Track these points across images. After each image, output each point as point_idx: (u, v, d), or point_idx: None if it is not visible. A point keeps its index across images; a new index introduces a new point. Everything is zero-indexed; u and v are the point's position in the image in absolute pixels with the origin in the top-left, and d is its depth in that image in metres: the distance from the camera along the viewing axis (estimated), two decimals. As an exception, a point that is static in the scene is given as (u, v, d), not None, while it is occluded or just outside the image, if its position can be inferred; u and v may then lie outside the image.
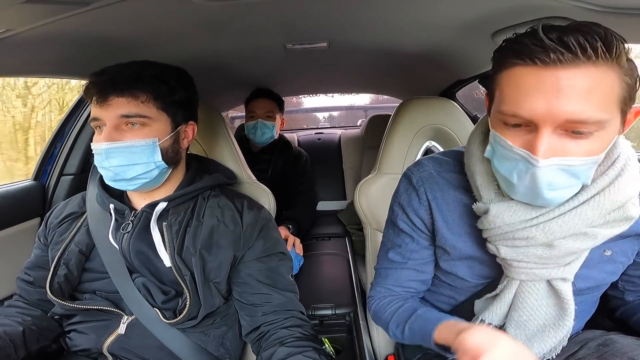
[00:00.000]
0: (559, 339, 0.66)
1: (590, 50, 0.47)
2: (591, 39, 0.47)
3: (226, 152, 1.08)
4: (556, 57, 0.48)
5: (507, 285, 0.65)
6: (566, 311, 0.63)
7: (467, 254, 0.69)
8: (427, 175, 0.71)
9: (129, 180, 0.75)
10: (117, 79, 0.73)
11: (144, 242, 0.78)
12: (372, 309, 0.79)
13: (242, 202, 0.86)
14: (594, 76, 0.48)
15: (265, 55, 1.21)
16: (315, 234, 1.89)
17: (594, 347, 0.71)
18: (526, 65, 0.50)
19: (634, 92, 0.52)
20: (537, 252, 0.59)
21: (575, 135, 0.50)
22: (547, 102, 0.49)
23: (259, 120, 1.73)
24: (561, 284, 0.62)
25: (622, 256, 0.67)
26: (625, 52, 0.49)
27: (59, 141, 1.31)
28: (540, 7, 0.75)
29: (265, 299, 0.80)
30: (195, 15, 0.78)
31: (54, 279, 0.77)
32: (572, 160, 0.51)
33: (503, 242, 0.62)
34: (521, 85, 0.51)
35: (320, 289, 1.37)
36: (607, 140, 0.52)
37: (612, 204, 0.56)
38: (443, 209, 0.69)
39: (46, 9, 0.64)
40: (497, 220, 0.60)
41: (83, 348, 0.79)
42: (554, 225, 0.57)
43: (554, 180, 0.52)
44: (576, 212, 0.56)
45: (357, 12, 0.87)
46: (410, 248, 0.74)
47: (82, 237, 0.82)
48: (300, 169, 1.87)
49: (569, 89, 0.48)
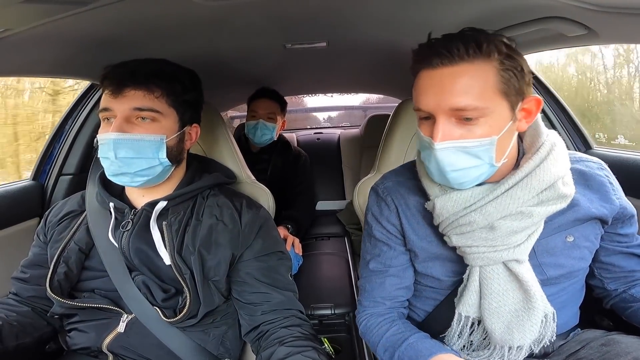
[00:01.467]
0: (536, 326, 0.67)
1: (464, 52, 0.59)
2: (466, 42, 0.60)
3: (225, 151, 1.08)
4: (440, 60, 0.61)
5: (471, 274, 0.70)
6: (530, 293, 0.66)
7: (435, 253, 0.75)
8: (390, 185, 0.80)
9: (132, 174, 0.75)
10: (137, 72, 0.74)
11: (143, 240, 0.78)
12: (360, 328, 0.82)
13: (241, 201, 0.87)
14: (470, 72, 0.60)
15: (265, 54, 1.21)
16: (314, 234, 1.89)
17: (596, 347, 0.71)
18: (423, 69, 0.64)
19: (520, 84, 0.62)
20: (482, 235, 0.66)
21: (465, 122, 0.61)
22: (435, 96, 0.62)
23: (260, 120, 1.72)
24: (517, 265, 0.67)
25: (585, 241, 0.72)
26: (500, 51, 0.60)
27: (57, 141, 1.30)
28: (539, 7, 0.75)
29: (264, 298, 0.80)
30: (194, 14, 0.78)
31: (53, 277, 0.77)
32: (465, 142, 0.62)
33: (452, 231, 0.69)
34: (420, 85, 0.64)
35: (320, 288, 1.37)
36: (498, 125, 0.62)
37: (541, 184, 0.64)
38: (407, 213, 0.77)
39: (45, 9, 0.64)
40: (443, 211, 0.69)
41: (83, 346, 0.79)
42: (490, 207, 0.65)
43: (453, 160, 0.63)
44: (508, 194, 0.65)
45: (356, 11, 0.87)
46: (389, 255, 0.80)
47: (82, 235, 0.82)
48: (300, 168, 1.86)
49: (451, 84, 0.60)
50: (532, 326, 0.67)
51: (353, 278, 1.44)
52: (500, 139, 0.62)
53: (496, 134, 0.62)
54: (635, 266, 0.76)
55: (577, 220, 0.70)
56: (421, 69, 0.64)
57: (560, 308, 0.71)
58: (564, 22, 0.76)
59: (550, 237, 0.70)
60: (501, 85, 0.61)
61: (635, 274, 0.76)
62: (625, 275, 0.77)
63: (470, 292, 0.70)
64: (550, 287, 0.71)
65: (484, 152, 0.62)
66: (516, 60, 0.62)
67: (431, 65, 0.62)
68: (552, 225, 0.70)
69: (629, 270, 0.76)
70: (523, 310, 0.67)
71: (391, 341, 0.73)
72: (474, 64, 0.60)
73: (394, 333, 0.74)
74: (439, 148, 0.62)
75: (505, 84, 0.61)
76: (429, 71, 0.63)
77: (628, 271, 0.76)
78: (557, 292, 0.72)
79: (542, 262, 0.71)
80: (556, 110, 1.26)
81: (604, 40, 0.82)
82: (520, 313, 0.68)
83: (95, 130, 1.29)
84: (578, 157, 0.77)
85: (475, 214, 0.66)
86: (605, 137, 2.11)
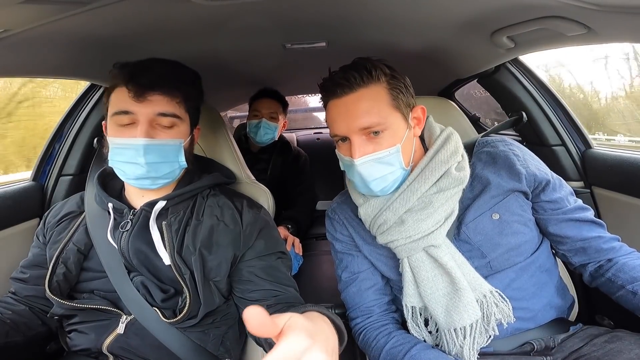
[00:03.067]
0: (471, 305, 0.71)
1: (360, 79, 0.72)
2: (359, 71, 0.72)
3: (225, 152, 1.08)
4: (342, 90, 0.73)
5: (403, 266, 0.78)
6: (451, 275, 0.72)
7: (378, 254, 0.85)
8: (336, 205, 0.94)
9: (155, 178, 0.76)
10: (163, 77, 0.74)
11: (143, 240, 0.78)
12: (358, 343, 0.86)
13: (241, 202, 0.87)
14: (367, 95, 0.72)
15: (264, 54, 1.21)
16: (314, 234, 1.89)
17: (599, 344, 0.72)
18: (330, 100, 0.75)
19: (407, 97, 0.75)
20: (397, 229, 0.76)
21: (373, 137, 0.73)
22: (345, 121, 0.73)
23: (262, 119, 1.72)
24: (435, 250, 0.74)
25: (511, 215, 0.77)
26: (384, 73, 0.73)
27: (57, 141, 1.30)
28: (538, 6, 0.75)
29: (269, 294, 0.80)
30: (194, 15, 0.78)
31: (52, 278, 0.77)
32: (377, 154, 0.73)
33: (377, 231, 0.79)
34: (331, 114, 0.76)
35: (320, 288, 1.37)
36: (398, 135, 0.74)
37: (435, 175, 0.75)
38: (353, 224, 0.89)
39: (44, 9, 0.64)
40: (366, 217, 0.81)
41: (83, 348, 0.79)
42: (396, 204, 0.76)
43: (372, 171, 0.74)
44: (409, 189, 0.76)
45: (355, 11, 0.87)
46: (355, 263, 0.88)
47: (81, 236, 0.82)
48: (300, 168, 1.87)
49: (355, 108, 0.72)
50: (465, 306, 0.71)
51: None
52: (403, 146, 0.74)
53: (399, 142, 0.74)
54: (586, 233, 0.78)
55: (494, 197, 0.77)
56: (329, 100, 0.76)
57: (532, 294, 0.77)
58: (564, 22, 0.76)
59: (477, 220, 0.77)
60: (392, 101, 0.73)
61: (591, 243, 0.78)
62: (583, 245, 0.78)
63: (408, 283, 0.77)
64: (506, 271, 0.76)
65: (394, 158, 0.74)
66: (399, 79, 0.75)
67: (336, 95, 0.74)
68: (475, 208, 0.77)
69: (580, 238, 0.78)
70: (453, 292, 0.73)
71: (392, 354, 0.76)
72: (369, 88, 0.72)
73: (394, 345, 0.77)
74: (359, 163, 0.73)
75: (395, 99, 0.73)
76: (335, 101, 0.74)
77: (580, 239, 0.78)
78: (517, 276, 0.76)
79: (478, 245, 0.76)
80: (556, 110, 1.26)
81: (604, 39, 0.82)
82: (452, 295, 0.73)
83: (95, 131, 1.29)
84: (485, 140, 0.85)
85: (387, 212, 0.77)
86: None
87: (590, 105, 2.13)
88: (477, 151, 0.83)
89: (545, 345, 0.76)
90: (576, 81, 2.10)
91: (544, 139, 1.26)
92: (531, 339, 0.77)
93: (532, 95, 1.27)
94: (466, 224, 0.77)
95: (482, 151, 0.82)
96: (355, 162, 0.73)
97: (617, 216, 1.07)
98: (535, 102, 1.27)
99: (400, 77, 0.76)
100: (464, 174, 0.75)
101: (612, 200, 1.09)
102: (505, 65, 1.28)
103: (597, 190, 1.15)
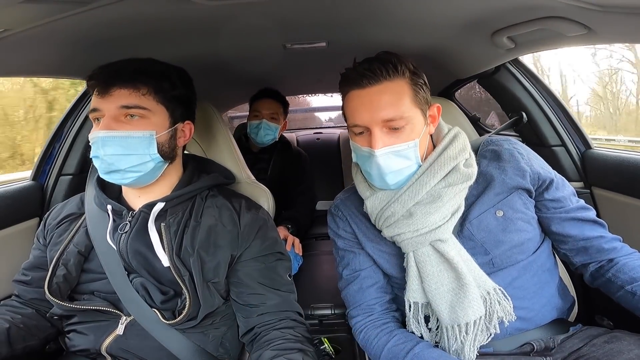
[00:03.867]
0: (475, 302, 0.72)
1: (385, 72, 0.72)
2: (385, 64, 0.72)
3: (225, 152, 1.08)
4: (367, 81, 0.72)
5: (408, 260, 0.78)
6: (457, 270, 0.73)
7: (381, 250, 0.85)
8: (339, 202, 0.93)
9: (123, 171, 0.75)
10: (122, 71, 0.75)
11: (141, 242, 0.78)
12: (359, 341, 0.85)
13: (240, 203, 0.86)
14: (391, 88, 0.72)
15: (265, 55, 1.21)
16: (314, 234, 1.89)
17: (599, 344, 0.72)
18: (352, 90, 0.75)
19: (426, 94, 0.76)
20: (404, 222, 0.76)
21: (394, 130, 0.73)
22: (368, 111, 0.72)
23: (263, 120, 1.71)
24: (441, 245, 0.74)
25: (514, 212, 0.78)
26: (408, 69, 0.74)
27: (57, 141, 1.30)
28: (538, 7, 0.75)
29: (261, 300, 0.80)
30: (194, 15, 0.78)
31: (52, 280, 0.77)
32: (396, 147, 0.73)
33: (383, 224, 0.79)
34: (353, 104, 0.75)
35: (320, 288, 1.37)
36: (417, 130, 0.75)
37: (444, 169, 0.76)
38: (356, 220, 0.88)
39: (44, 9, 0.64)
40: (373, 209, 0.80)
41: (82, 348, 0.79)
42: (405, 197, 0.76)
43: (390, 163, 0.74)
44: (418, 182, 0.76)
45: (355, 12, 0.87)
46: (356, 261, 0.88)
47: (81, 238, 0.81)
48: (300, 168, 1.86)
49: (378, 100, 0.72)
50: (470, 302, 0.72)
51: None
52: (419, 141, 0.75)
53: (417, 137, 0.75)
54: (588, 232, 0.79)
55: (498, 194, 0.78)
56: (351, 89, 0.75)
57: (533, 294, 0.77)
58: (564, 22, 0.76)
59: (481, 216, 0.78)
60: (414, 97, 0.74)
61: (593, 242, 0.78)
62: (584, 245, 0.79)
63: (412, 278, 0.77)
64: (509, 269, 0.77)
65: (412, 153, 0.75)
66: (420, 76, 0.76)
67: (360, 86, 0.73)
68: (479, 205, 0.78)
69: (582, 238, 0.79)
70: (458, 288, 0.73)
71: (394, 352, 0.75)
72: (393, 82, 0.72)
73: (396, 344, 0.77)
74: (380, 154, 0.73)
75: (416, 95, 0.74)
76: (358, 91, 0.74)
77: (582, 239, 0.79)
78: (519, 275, 0.77)
79: (482, 241, 0.77)
80: (556, 110, 1.26)
81: (603, 39, 0.82)
82: (457, 291, 0.73)
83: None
84: (490, 139, 0.86)
85: (395, 205, 0.77)
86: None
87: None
88: (482, 150, 0.84)
89: (545, 346, 0.76)
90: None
91: (544, 139, 1.26)
92: (531, 340, 0.77)
93: (532, 95, 1.27)
94: (470, 221, 0.77)
95: (487, 149, 0.83)
96: (375, 153, 0.73)
97: (617, 217, 1.07)
98: (535, 103, 1.27)
99: (421, 74, 0.76)
100: (472, 170, 0.76)
101: (612, 201, 1.09)
102: (505, 65, 1.28)
103: (597, 190, 1.15)
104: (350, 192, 0.93)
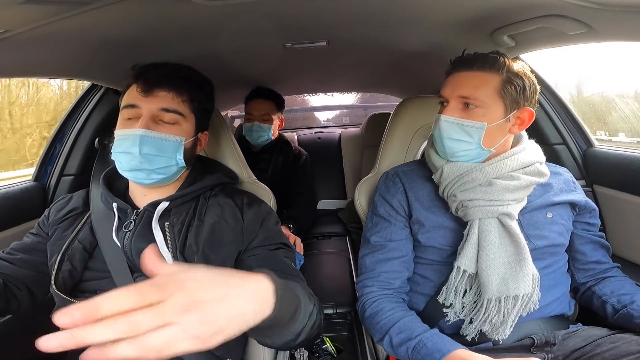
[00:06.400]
0: (528, 277, 0.76)
1: (480, 64, 0.81)
2: (487, 57, 0.81)
3: (226, 152, 1.08)
4: (463, 67, 0.83)
5: (471, 228, 0.81)
6: (520, 245, 0.77)
7: (438, 223, 0.87)
8: (400, 170, 0.97)
9: (149, 171, 0.77)
10: (171, 75, 0.79)
11: (145, 240, 0.78)
12: (368, 310, 0.84)
13: (242, 199, 0.87)
14: (480, 76, 0.81)
15: (265, 54, 1.21)
16: (315, 233, 1.89)
17: (602, 344, 0.73)
18: (453, 72, 0.85)
19: (518, 96, 0.81)
20: (482, 189, 0.81)
21: (466, 107, 0.81)
22: (452, 87, 0.84)
23: (255, 122, 1.72)
24: (508, 220, 0.79)
25: (560, 218, 0.87)
26: (509, 70, 0.80)
27: (59, 142, 1.31)
28: (539, 5, 0.75)
29: None
30: (194, 15, 0.78)
31: (59, 274, 0.77)
32: (462, 120, 0.81)
33: (458, 189, 0.83)
34: (446, 81, 0.86)
35: (321, 288, 1.37)
36: (490, 116, 0.81)
37: (523, 161, 0.83)
38: (415, 189, 0.91)
39: (45, 10, 0.64)
40: (450, 174, 0.84)
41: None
42: (488, 168, 0.82)
43: (450, 131, 0.82)
44: (501, 162, 0.82)
45: (356, 11, 0.87)
46: (390, 230, 0.90)
47: (86, 234, 0.82)
48: (300, 168, 1.86)
49: (465, 81, 0.82)
50: (525, 277, 0.76)
51: (354, 277, 1.44)
52: (490, 128, 0.81)
53: (487, 123, 0.80)
54: (601, 257, 0.91)
55: (553, 201, 0.87)
56: (452, 72, 0.86)
57: (547, 288, 0.81)
58: (565, 20, 0.76)
59: (533, 213, 0.85)
60: (500, 90, 0.80)
61: (601, 267, 0.91)
62: (593, 266, 0.91)
63: (470, 246, 0.80)
64: (538, 261, 0.81)
65: (475, 132, 0.81)
66: (522, 79, 0.80)
67: (458, 70, 0.84)
68: (535, 204, 0.86)
69: (595, 260, 0.90)
70: (515, 262, 0.77)
71: (409, 326, 0.77)
72: (484, 72, 0.80)
73: (414, 320, 0.79)
74: (443, 119, 0.83)
75: (504, 90, 0.80)
76: (456, 74, 0.85)
77: (594, 261, 0.91)
78: (543, 267, 0.82)
79: (529, 233, 0.83)
80: (558, 109, 1.26)
81: (604, 38, 0.82)
82: (514, 265, 0.77)
83: (97, 131, 1.29)
84: (551, 165, 0.94)
85: (477, 172, 0.82)
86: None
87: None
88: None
89: (546, 341, 0.77)
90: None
91: (545, 137, 1.26)
92: (531, 333, 0.78)
93: (533, 94, 1.27)
94: (523, 214, 0.84)
95: (551, 168, 0.91)
96: (440, 117, 0.83)
97: (619, 214, 1.07)
98: (536, 101, 1.27)
99: (527, 80, 0.81)
100: (546, 170, 0.85)
101: (614, 199, 1.09)
102: (506, 64, 1.27)
103: (599, 188, 1.15)
104: (411, 166, 0.98)
